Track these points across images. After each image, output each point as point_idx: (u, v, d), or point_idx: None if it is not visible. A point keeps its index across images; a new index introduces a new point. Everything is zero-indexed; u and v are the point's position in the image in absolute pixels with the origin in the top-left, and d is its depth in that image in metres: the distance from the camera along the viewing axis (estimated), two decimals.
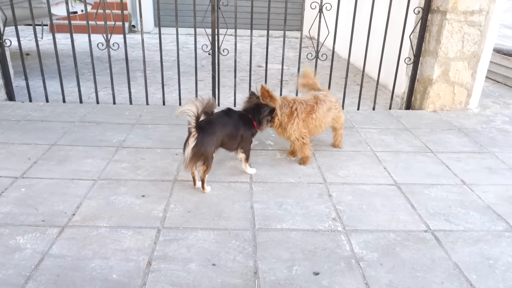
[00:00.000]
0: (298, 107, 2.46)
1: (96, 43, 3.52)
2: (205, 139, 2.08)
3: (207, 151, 2.10)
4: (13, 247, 1.75)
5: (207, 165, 2.14)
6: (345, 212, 2.11)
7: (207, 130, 2.10)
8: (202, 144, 2.07)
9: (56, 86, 3.95)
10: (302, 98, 2.57)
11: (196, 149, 2.05)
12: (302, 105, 2.47)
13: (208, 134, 2.10)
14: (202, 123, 2.11)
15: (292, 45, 7.74)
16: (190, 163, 2.09)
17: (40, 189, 2.21)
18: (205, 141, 2.08)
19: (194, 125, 2.05)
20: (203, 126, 2.10)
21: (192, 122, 2.04)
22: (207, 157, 2.12)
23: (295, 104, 2.47)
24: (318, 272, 1.69)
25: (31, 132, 2.94)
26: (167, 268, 1.67)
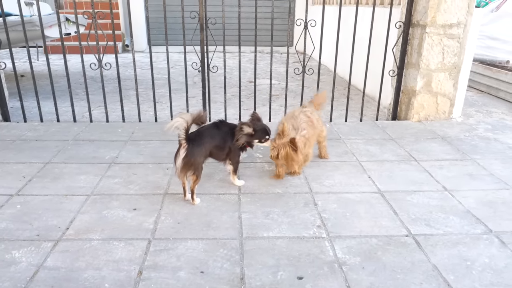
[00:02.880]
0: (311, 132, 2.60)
1: (89, 63, 3.64)
2: (194, 149, 2.18)
3: (196, 161, 2.20)
4: (8, 261, 1.82)
5: (197, 175, 2.23)
6: (330, 220, 2.19)
7: (196, 142, 2.20)
8: (192, 155, 2.17)
9: (50, 106, 4.04)
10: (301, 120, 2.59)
11: (186, 159, 2.16)
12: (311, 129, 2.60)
13: (197, 145, 2.20)
14: (191, 134, 2.21)
15: (282, 60, 7.91)
16: (181, 173, 2.19)
17: (35, 206, 2.28)
18: (194, 151, 2.18)
19: (184, 137, 2.15)
20: (192, 138, 2.20)
21: (182, 134, 2.14)
22: (197, 167, 2.21)
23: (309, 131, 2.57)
24: (302, 277, 1.76)
25: (26, 151, 3.03)
26: (157, 277, 1.73)
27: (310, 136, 2.59)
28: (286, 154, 2.40)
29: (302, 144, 2.48)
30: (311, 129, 2.61)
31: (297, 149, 2.40)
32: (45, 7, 7.21)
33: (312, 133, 2.62)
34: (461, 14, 3.55)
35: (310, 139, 2.60)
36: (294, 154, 2.41)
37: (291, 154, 2.40)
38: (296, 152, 2.41)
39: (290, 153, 2.39)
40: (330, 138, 3.37)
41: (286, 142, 2.39)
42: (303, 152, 2.50)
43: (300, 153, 2.44)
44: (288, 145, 2.39)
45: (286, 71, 3.86)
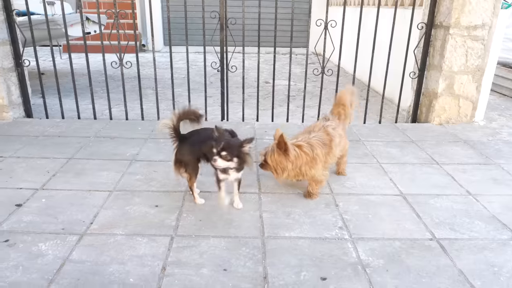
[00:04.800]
0: (319, 152, 2.25)
1: (108, 62, 3.68)
2: (184, 148, 2.22)
3: (185, 159, 2.22)
4: (36, 253, 1.85)
5: (189, 173, 2.25)
6: (352, 221, 2.17)
7: (188, 140, 2.23)
8: (181, 153, 2.22)
9: (70, 103, 4.11)
10: (315, 137, 2.30)
11: (176, 157, 2.23)
12: (321, 148, 2.26)
13: (188, 144, 2.22)
14: (187, 134, 2.27)
15: (298, 61, 7.90)
16: (175, 170, 2.27)
17: (59, 200, 2.31)
18: (184, 150, 2.21)
19: (173, 136, 2.22)
20: (187, 137, 2.25)
21: (171, 133, 2.21)
22: (187, 165, 2.23)
23: (314, 149, 2.24)
24: (326, 278, 1.75)
25: (49, 147, 3.08)
26: (180, 273, 1.74)
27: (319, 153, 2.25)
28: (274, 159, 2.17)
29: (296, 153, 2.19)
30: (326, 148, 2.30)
31: (288, 151, 2.15)
32: (66, 6, 7.35)
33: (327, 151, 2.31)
34: (486, 15, 3.48)
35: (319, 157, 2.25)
36: (282, 158, 2.16)
37: (278, 159, 2.16)
38: (285, 156, 2.16)
39: (276, 158, 2.17)
40: (349, 140, 3.33)
41: (274, 144, 2.18)
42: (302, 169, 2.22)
43: (289, 160, 2.17)
44: (275, 148, 2.16)
45: (305, 72, 3.85)
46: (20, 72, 3.79)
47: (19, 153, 2.94)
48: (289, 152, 2.16)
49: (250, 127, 3.71)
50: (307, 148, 2.23)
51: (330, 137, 2.34)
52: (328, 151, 2.31)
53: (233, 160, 2.03)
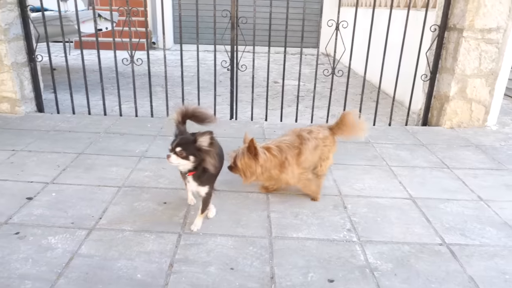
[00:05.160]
0: (288, 155, 2.20)
1: (119, 59, 3.70)
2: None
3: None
4: (45, 246, 1.86)
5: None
6: (360, 224, 2.15)
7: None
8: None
9: (81, 99, 4.14)
10: (285, 140, 2.27)
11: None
12: (290, 151, 2.21)
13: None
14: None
15: (308, 61, 7.88)
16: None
17: (69, 194, 2.33)
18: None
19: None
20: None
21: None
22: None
23: (283, 153, 2.19)
24: (333, 280, 1.74)
25: (60, 141, 3.11)
26: (187, 270, 1.74)
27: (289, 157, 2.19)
28: (244, 162, 2.12)
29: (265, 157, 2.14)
30: (296, 150, 2.23)
31: (257, 156, 2.11)
32: (78, 3, 7.41)
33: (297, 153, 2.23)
34: (501, 18, 3.43)
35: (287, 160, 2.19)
36: (252, 162, 2.11)
37: (248, 162, 2.11)
38: (255, 160, 2.11)
39: (246, 161, 2.11)
40: (358, 142, 3.32)
41: (244, 147, 2.14)
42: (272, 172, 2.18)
43: (259, 164, 2.12)
44: (245, 151, 2.12)
45: (315, 72, 3.83)
46: (32, 67, 3.83)
47: (30, 147, 2.97)
48: (259, 156, 2.12)
49: (259, 126, 3.71)
50: (275, 151, 2.18)
51: (301, 140, 2.26)
52: (298, 153, 2.23)
53: (189, 159, 1.82)
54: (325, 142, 2.36)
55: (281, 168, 2.20)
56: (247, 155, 2.12)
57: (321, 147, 2.33)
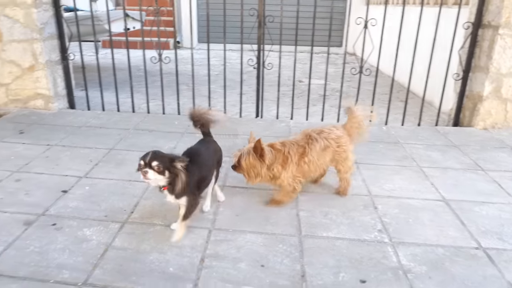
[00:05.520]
0: (291, 151, 2.13)
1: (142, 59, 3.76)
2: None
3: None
4: (81, 238, 1.92)
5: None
6: (391, 225, 2.11)
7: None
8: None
9: (109, 96, 4.23)
10: (292, 138, 2.22)
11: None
12: (293, 147, 2.14)
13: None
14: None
15: (332, 61, 7.79)
16: None
17: (102, 188, 2.39)
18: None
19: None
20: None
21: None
22: None
23: (286, 148, 2.14)
24: (365, 280, 1.71)
25: (92, 137, 3.19)
26: (218, 266, 1.75)
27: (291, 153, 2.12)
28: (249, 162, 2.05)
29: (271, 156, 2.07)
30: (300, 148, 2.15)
31: (263, 157, 2.05)
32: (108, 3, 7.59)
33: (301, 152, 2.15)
34: None
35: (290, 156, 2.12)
36: (257, 162, 2.05)
37: (253, 163, 2.05)
38: (260, 161, 2.05)
39: (251, 161, 2.05)
40: (387, 142, 3.26)
41: (249, 147, 2.08)
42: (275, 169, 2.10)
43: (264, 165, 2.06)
44: (251, 151, 2.06)
45: (342, 71, 3.79)
46: (65, 65, 3.94)
47: (64, 142, 3.06)
48: (265, 156, 2.05)
49: (285, 125, 3.70)
50: (279, 145, 2.13)
51: (308, 139, 2.17)
52: (303, 152, 2.14)
53: (164, 174, 1.77)
54: (339, 143, 2.22)
55: (284, 163, 2.11)
56: (253, 155, 2.05)
57: (333, 148, 2.20)
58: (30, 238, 1.92)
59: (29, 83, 3.79)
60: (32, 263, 1.76)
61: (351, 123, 2.34)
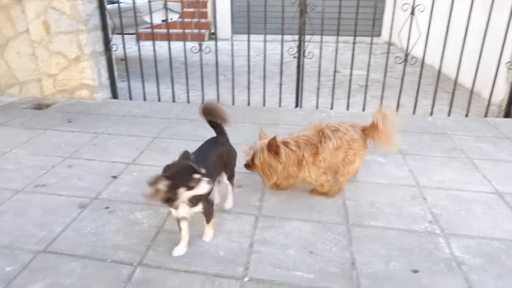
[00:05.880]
0: (305, 153, 2.04)
1: (178, 50, 3.81)
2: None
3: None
4: (133, 221, 1.99)
5: None
6: (442, 216, 2.05)
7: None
8: None
9: (149, 87, 4.33)
10: (304, 136, 2.10)
11: None
12: (307, 149, 2.05)
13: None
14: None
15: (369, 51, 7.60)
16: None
17: (149, 175, 2.44)
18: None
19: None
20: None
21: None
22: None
23: (300, 150, 2.04)
24: (417, 270, 1.67)
25: (136, 126, 3.28)
26: (267, 251, 1.77)
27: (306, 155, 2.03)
28: (263, 160, 1.97)
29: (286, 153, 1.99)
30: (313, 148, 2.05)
31: (279, 154, 1.96)
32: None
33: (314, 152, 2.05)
34: None
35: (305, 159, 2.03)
36: (272, 159, 1.97)
37: (267, 160, 1.97)
38: (275, 158, 1.97)
39: (265, 159, 1.97)
40: (433, 133, 3.16)
41: (263, 144, 1.99)
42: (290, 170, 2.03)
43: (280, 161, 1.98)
44: (264, 148, 1.97)
45: (386, 60, 3.69)
46: (108, 56, 4.07)
47: (110, 130, 3.17)
48: (281, 154, 1.96)
49: (326, 115, 3.66)
50: (293, 146, 2.02)
51: (320, 137, 2.06)
52: (316, 152, 2.04)
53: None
54: (351, 145, 2.10)
55: (299, 165, 2.04)
56: (267, 153, 1.97)
57: (345, 149, 2.09)
58: (85, 220, 2.01)
59: (75, 74, 3.94)
60: (89, 243, 1.84)
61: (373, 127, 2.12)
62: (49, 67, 3.96)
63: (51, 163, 2.62)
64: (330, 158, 2.07)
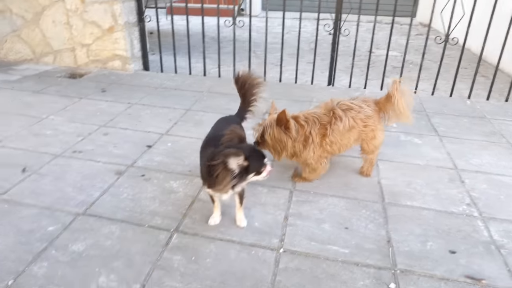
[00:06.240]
0: (312, 131, 1.93)
1: (208, 25, 3.74)
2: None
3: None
4: (168, 189, 2.03)
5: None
6: (481, 200, 2.00)
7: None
8: None
9: (178, 61, 4.33)
10: (315, 112, 1.99)
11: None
12: (315, 127, 1.93)
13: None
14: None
15: (404, 32, 7.33)
16: None
17: (183, 145, 2.49)
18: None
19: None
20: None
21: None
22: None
23: (308, 126, 1.93)
24: (455, 251, 1.65)
25: (169, 98, 3.31)
26: (302, 225, 1.78)
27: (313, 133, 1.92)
28: (273, 136, 1.87)
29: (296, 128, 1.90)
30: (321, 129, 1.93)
31: (289, 128, 1.87)
32: None
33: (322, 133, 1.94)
34: None
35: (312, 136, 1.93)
36: (282, 135, 1.87)
37: (277, 136, 1.87)
38: (285, 133, 1.87)
39: (275, 134, 1.87)
40: (472, 116, 3.05)
41: (272, 119, 1.89)
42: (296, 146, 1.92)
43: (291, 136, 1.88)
44: (273, 124, 1.87)
45: (425, 42, 3.55)
46: (141, 27, 4.07)
47: (143, 101, 3.21)
48: (290, 127, 1.86)
49: (360, 94, 3.58)
50: (302, 121, 1.92)
51: (331, 117, 1.94)
52: (324, 133, 1.94)
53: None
54: (366, 122, 1.99)
55: (305, 143, 1.93)
56: (277, 128, 1.87)
57: (359, 128, 1.98)
58: (122, 186, 2.07)
59: (108, 44, 3.98)
60: (127, 208, 1.89)
61: (388, 100, 2.02)
62: (83, 36, 4.00)
63: (87, 130, 2.69)
64: (340, 140, 1.97)
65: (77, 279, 1.48)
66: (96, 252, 1.61)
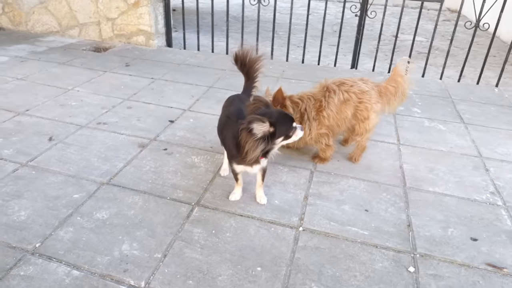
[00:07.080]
0: (307, 107, 1.93)
1: (230, 4, 3.68)
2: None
3: None
4: (190, 164, 2.06)
5: None
6: (505, 189, 1.96)
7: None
8: None
9: (201, 39, 4.32)
10: (310, 91, 2.02)
11: None
12: (310, 102, 1.95)
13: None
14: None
15: (430, 17, 7.10)
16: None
17: (205, 122, 2.51)
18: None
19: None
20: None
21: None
22: None
23: (303, 103, 1.94)
24: (476, 239, 1.63)
25: (191, 74, 3.32)
26: (322, 205, 1.78)
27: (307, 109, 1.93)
28: None
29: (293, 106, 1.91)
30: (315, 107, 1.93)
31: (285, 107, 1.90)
32: None
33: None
34: None
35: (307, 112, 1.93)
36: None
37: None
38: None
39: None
40: (500, 104, 2.97)
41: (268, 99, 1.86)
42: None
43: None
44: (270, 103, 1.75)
45: (454, 27, 3.42)
46: (166, 3, 4.05)
47: (166, 77, 3.23)
48: (287, 105, 1.87)
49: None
50: (296, 98, 1.95)
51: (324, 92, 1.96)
52: (319, 107, 1.93)
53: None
54: (361, 98, 1.96)
55: (301, 119, 1.93)
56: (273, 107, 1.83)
57: (353, 102, 1.96)
58: (145, 159, 2.10)
59: (133, 19, 3.98)
60: (149, 180, 1.93)
61: (390, 82, 2.05)
62: (109, 10, 4.02)
63: (111, 103, 2.73)
64: (337, 114, 1.95)
65: (101, 245, 1.53)
66: (119, 221, 1.66)
